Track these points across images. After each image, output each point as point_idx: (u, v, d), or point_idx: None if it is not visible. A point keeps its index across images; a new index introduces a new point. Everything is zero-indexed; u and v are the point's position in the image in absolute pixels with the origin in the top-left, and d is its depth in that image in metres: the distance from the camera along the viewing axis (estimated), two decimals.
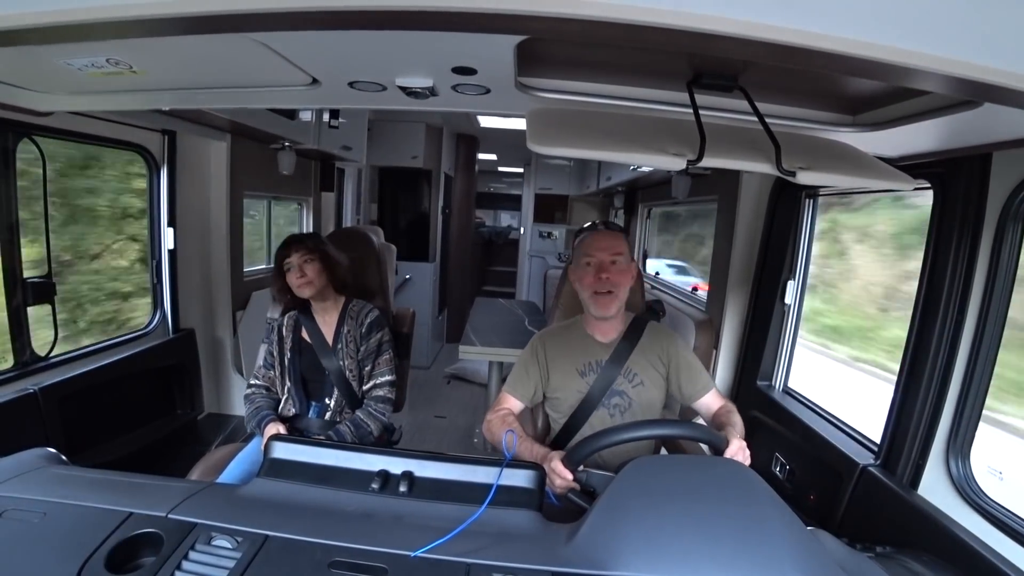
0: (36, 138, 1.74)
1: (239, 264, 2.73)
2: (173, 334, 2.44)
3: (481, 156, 5.97)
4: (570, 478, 1.15)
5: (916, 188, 1.17)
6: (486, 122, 4.59)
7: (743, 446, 1.21)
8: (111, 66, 1.09)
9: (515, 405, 1.50)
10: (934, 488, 1.35)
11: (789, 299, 2.08)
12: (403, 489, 0.99)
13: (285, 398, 1.77)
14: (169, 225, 2.36)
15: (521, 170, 7.22)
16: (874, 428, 1.62)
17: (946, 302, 1.35)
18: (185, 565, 0.79)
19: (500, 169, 8.17)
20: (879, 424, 1.54)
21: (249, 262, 2.89)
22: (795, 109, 1.19)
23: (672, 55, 0.98)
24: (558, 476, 1.16)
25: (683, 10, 0.61)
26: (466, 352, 2.83)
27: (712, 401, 1.48)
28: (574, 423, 1.49)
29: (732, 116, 1.15)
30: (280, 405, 1.77)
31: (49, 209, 1.86)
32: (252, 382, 1.81)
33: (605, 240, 1.48)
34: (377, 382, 1.78)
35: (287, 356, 1.77)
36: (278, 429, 1.61)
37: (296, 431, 1.71)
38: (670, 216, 4.01)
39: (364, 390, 1.79)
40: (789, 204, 2.08)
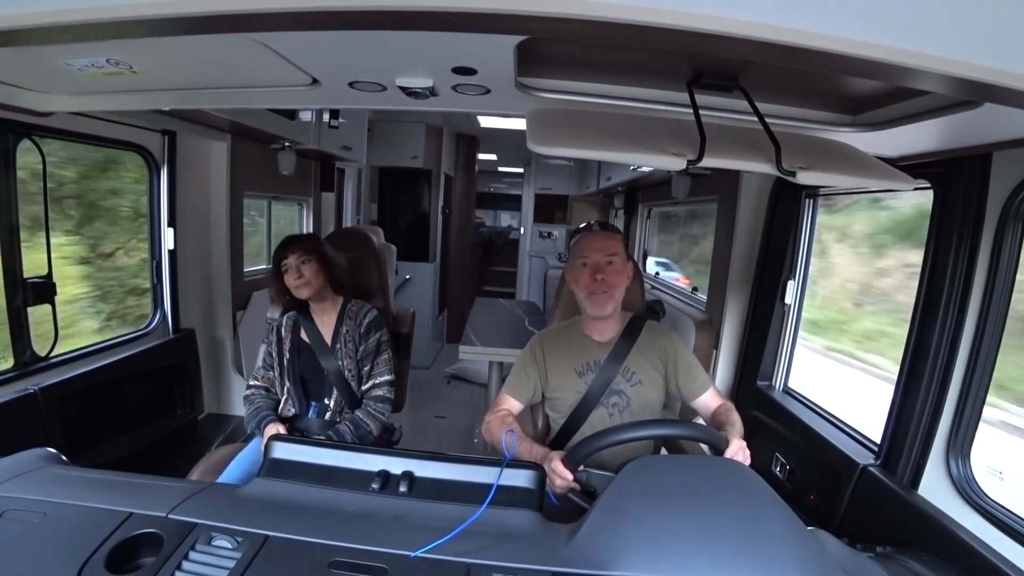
0: (36, 138, 1.74)
1: (239, 264, 2.72)
2: (173, 334, 2.44)
3: (481, 156, 5.97)
4: (570, 478, 1.15)
5: (916, 188, 1.17)
6: (486, 122, 4.59)
7: (743, 446, 1.21)
8: (111, 66, 1.09)
9: (514, 406, 1.50)
10: (934, 488, 1.35)
11: (789, 299, 2.09)
12: (403, 489, 0.99)
13: (285, 398, 1.77)
14: (169, 225, 2.37)
15: (521, 170, 7.22)
16: (840, 403, 1.75)
17: (946, 302, 1.35)
18: (185, 565, 0.79)
19: (500, 169, 8.17)
20: (845, 399, 1.56)
21: (250, 263, 2.90)
22: (795, 109, 1.19)
23: (672, 55, 0.98)
24: (558, 476, 1.16)
25: (683, 10, 0.61)
26: (466, 352, 2.83)
27: (711, 400, 1.48)
28: (573, 423, 1.50)
29: (732, 116, 1.15)
30: (280, 405, 1.77)
31: (66, 210, 1.91)
32: (251, 383, 1.81)
33: (600, 241, 1.48)
34: (376, 382, 1.78)
35: (286, 357, 1.77)
36: (278, 429, 1.61)
37: (296, 431, 1.71)
38: (668, 216, 4.02)
39: (363, 390, 1.79)
40: (789, 204, 2.08)
